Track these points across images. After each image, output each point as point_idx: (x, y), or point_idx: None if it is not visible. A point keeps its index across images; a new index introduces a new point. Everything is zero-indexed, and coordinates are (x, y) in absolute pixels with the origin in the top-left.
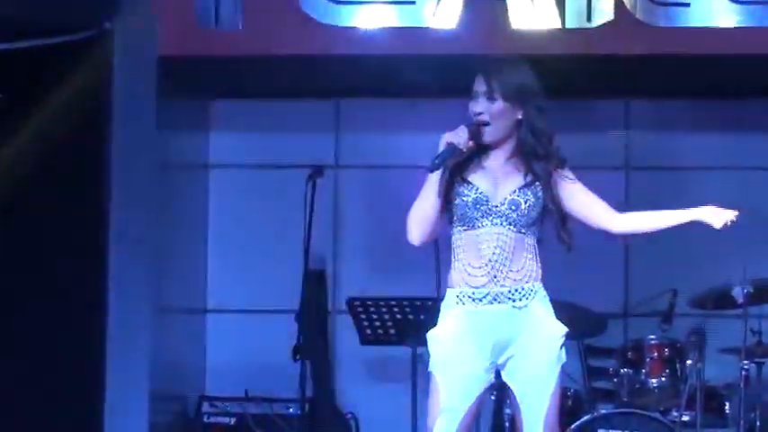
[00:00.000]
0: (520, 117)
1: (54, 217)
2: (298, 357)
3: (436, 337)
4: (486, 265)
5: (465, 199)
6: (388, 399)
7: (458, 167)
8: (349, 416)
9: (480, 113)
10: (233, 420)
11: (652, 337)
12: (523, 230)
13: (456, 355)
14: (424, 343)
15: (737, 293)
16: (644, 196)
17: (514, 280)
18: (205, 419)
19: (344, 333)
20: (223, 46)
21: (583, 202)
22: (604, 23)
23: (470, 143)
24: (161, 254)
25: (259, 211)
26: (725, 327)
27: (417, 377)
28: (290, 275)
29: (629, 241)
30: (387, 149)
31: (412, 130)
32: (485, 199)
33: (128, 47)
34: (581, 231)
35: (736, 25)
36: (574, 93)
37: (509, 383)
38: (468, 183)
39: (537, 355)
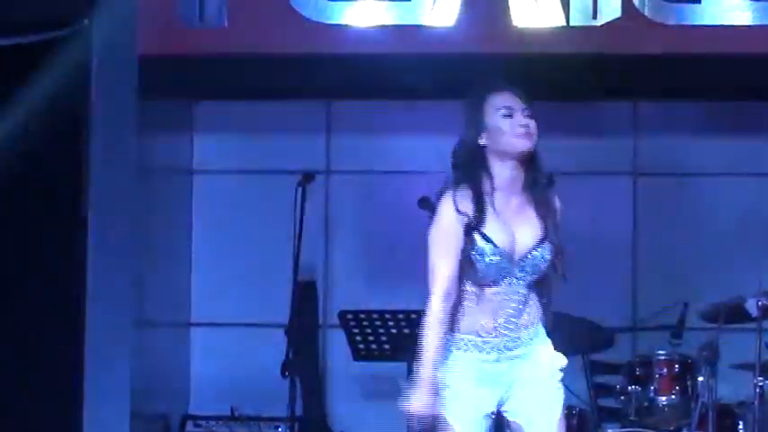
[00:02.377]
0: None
1: (29, 224)
2: (287, 374)
3: (444, 382)
4: (501, 321)
5: (488, 260)
6: (381, 418)
7: (476, 219)
8: None
9: (527, 125)
10: None
11: (661, 352)
12: (533, 282)
13: (468, 398)
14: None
15: (751, 306)
16: (652, 203)
17: (523, 328)
18: None
19: (336, 348)
20: (207, 45)
21: None
22: (611, 21)
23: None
24: (142, 264)
25: (246, 219)
26: (738, 341)
27: None
28: (279, 287)
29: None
30: (381, 154)
31: (407, 133)
32: (506, 259)
33: (107, 45)
34: (588, 241)
35: (750, 23)
36: (579, 94)
37: (513, 420)
38: (488, 240)
39: (540, 390)
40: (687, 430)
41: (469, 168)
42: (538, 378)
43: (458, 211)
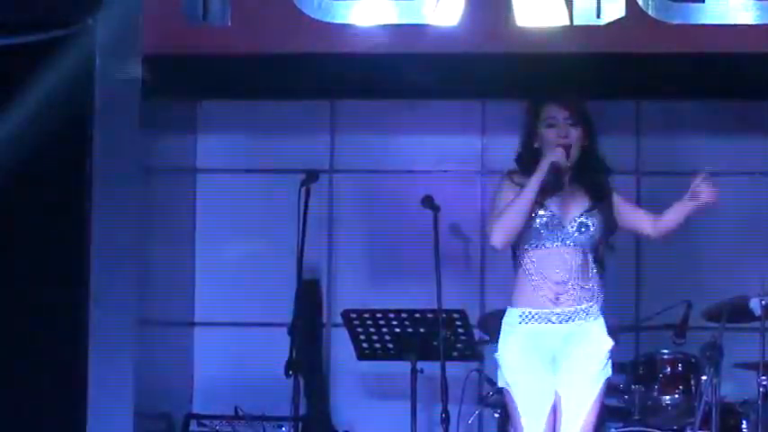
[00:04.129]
0: (587, 143)
1: (31, 224)
2: (290, 373)
3: (504, 355)
4: (555, 283)
5: (539, 220)
6: (385, 417)
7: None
8: None
9: (566, 137)
10: None
11: (665, 351)
12: (588, 251)
13: (526, 369)
14: (424, 357)
15: (755, 306)
16: (655, 202)
17: (578, 298)
18: None
19: (340, 347)
20: (211, 44)
21: (630, 216)
22: (615, 20)
23: (568, 163)
24: (145, 263)
25: (249, 219)
26: (741, 340)
27: (416, 393)
28: (283, 286)
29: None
30: (384, 153)
31: (411, 132)
32: (557, 221)
33: (111, 44)
34: None
35: (754, 22)
36: (581, 93)
37: (557, 391)
38: (542, 204)
39: (586, 368)
40: (690, 429)
41: (527, 163)
42: (587, 361)
43: (512, 180)
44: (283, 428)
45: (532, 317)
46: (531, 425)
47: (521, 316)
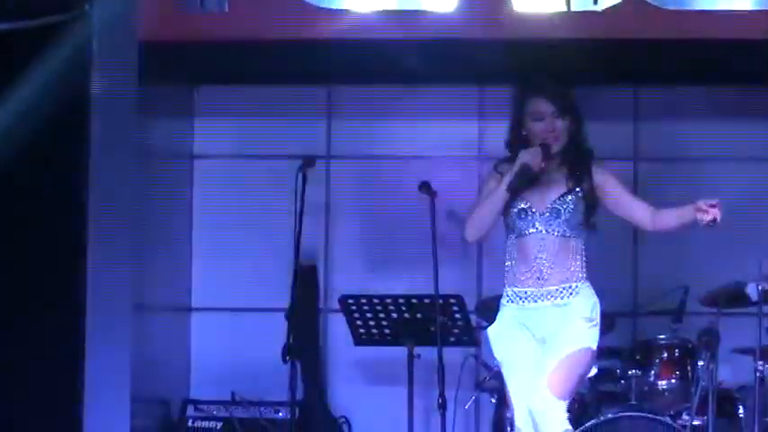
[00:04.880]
0: (571, 128)
1: (28, 209)
2: (288, 358)
3: (494, 332)
4: (532, 268)
5: (513, 210)
6: (382, 402)
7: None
8: (341, 420)
9: (552, 132)
10: (219, 425)
11: (662, 336)
12: (568, 234)
13: (513, 345)
14: (421, 343)
15: (752, 291)
16: (653, 188)
17: (558, 281)
18: (190, 424)
19: (337, 332)
20: (208, 30)
21: (626, 205)
22: (612, 6)
23: (543, 164)
24: (142, 249)
25: (246, 204)
26: (738, 326)
27: (413, 379)
28: (280, 272)
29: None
30: (381, 138)
31: (408, 118)
32: (530, 209)
33: (107, 30)
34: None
35: (751, 8)
36: (579, 79)
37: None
38: (518, 195)
39: (568, 336)
40: (687, 414)
41: (516, 149)
42: (571, 334)
43: (497, 171)
44: (280, 413)
45: (517, 296)
46: (519, 401)
47: (508, 295)
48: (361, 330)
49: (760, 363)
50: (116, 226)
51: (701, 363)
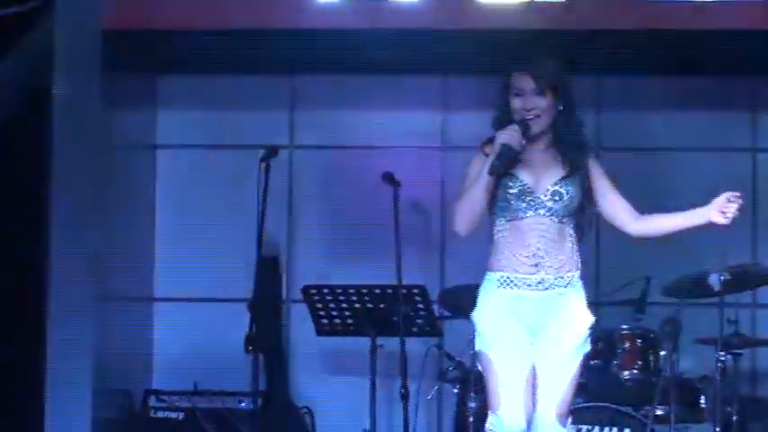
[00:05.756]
0: (561, 108)
1: None
2: (250, 349)
3: (482, 318)
4: (532, 254)
5: (510, 191)
6: (345, 392)
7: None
8: (304, 410)
9: (532, 109)
10: (181, 415)
11: (624, 326)
12: (564, 220)
13: (504, 331)
14: (384, 333)
15: (714, 281)
16: (615, 177)
17: (557, 268)
18: (152, 414)
19: (300, 323)
20: (170, 18)
21: (611, 201)
22: None
23: (523, 141)
24: (105, 239)
25: (209, 195)
26: (700, 316)
27: (376, 369)
28: (243, 262)
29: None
30: (345, 128)
31: (371, 107)
32: (529, 190)
33: (69, 19)
34: None
35: None
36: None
37: (535, 362)
38: (512, 175)
39: (565, 341)
40: (649, 404)
41: (501, 127)
42: (566, 332)
43: (483, 152)
44: (243, 404)
45: (511, 281)
46: (508, 389)
47: (499, 280)
48: (324, 321)
49: (722, 353)
50: (78, 216)
51: (663, 353)
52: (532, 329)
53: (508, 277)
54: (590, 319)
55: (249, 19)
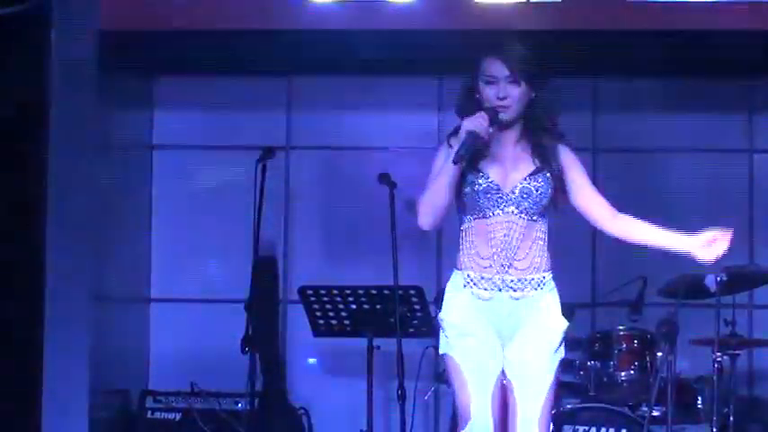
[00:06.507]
0: (533, 96)
1: None
2: (247, 349)
3: (448, 320)
4: (495, 253)
5: (476, 188)
6: (342, 393)
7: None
8: (301, 411)
9: (504, 98)
10: (178, 416)
11: (621, 327)
12: (534, 218)
13: (469, 334)
14: (381, 334)
15: (710, 282)
16: (612, 179)
17: (521, 270)
18: (149, 415)
19: (296, 324)
20: (168, 19)
21: (587, 197)
22: None
23: (490, 129)
24: (102, 240)
25: (206, 195)
26: (697, 317)
27: (373, 370)
28: (240, 263)
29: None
30: (341, 129)
31: (368, 108)
32: (495, 187)
33: (67, 19)
34: None
35: None
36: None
37: (506, 371)
38: (479, 171)
39: (536, 347)
40: (646, 405)
41: (468, 115)
42: (538, 337)
43: (449, 145)
44: (239, 405)
45: (478, 281)
46: (477, 392)
47: (465, 279)
48: (321, 321)
49: (718, 354)
50: (76, 217)
51: (659, 354)
52: (501, 334)
53: (473, 277)
54: (563, 323)
55: (246, 20)
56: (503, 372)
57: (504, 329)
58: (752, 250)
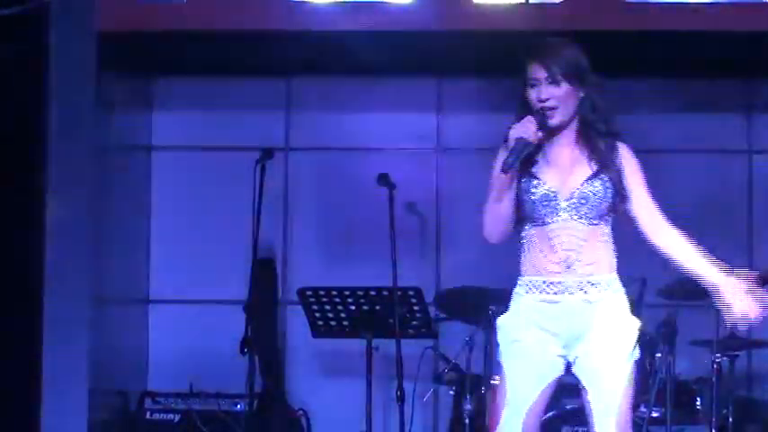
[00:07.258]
0: (582, 96)
1: None
2: (246, 350)
3: (504, 325)
4: (560, 260)
5: (533, 197)
6: (341, 394)
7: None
8: (300, 412)
9: (547, 100)
10: (177, 417)
11: None
12: (595, 222)
13: (524, 342)
14: (380, 335)
15: None
16: None
17: (587, 273)
18: (147, 416)
19: (295, 325)
20: (166, 20)
21: (638, 204)
22: None
23: (539, 133)
24: (100, 241)
25: (205, 196)
26: (696, 318)
27: (372, 371)
28: (238, 264)
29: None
30: (340, 130)
31: (367, 110)
32: (553, 194)
33: (66, 21)
34: None
35: (709, 0)
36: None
37: (580, 379)
38: (536, 178)
39: (609, 351)
40: (645, 406)
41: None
42: (609, 342)
43: (505, 142)
44: (238, 405)
45: (537, 286)
46: (511, 413)
47: (527, 285)
48: (320, 322)
49: (717, 355)
50: (75, 217)
51: (659, 355)
52: (566, 340)
53: (534, 282)
54: (635, 322)
55: (245, 21)
56: (575, 377)
57: (571, 333)
58: (751, 250)
